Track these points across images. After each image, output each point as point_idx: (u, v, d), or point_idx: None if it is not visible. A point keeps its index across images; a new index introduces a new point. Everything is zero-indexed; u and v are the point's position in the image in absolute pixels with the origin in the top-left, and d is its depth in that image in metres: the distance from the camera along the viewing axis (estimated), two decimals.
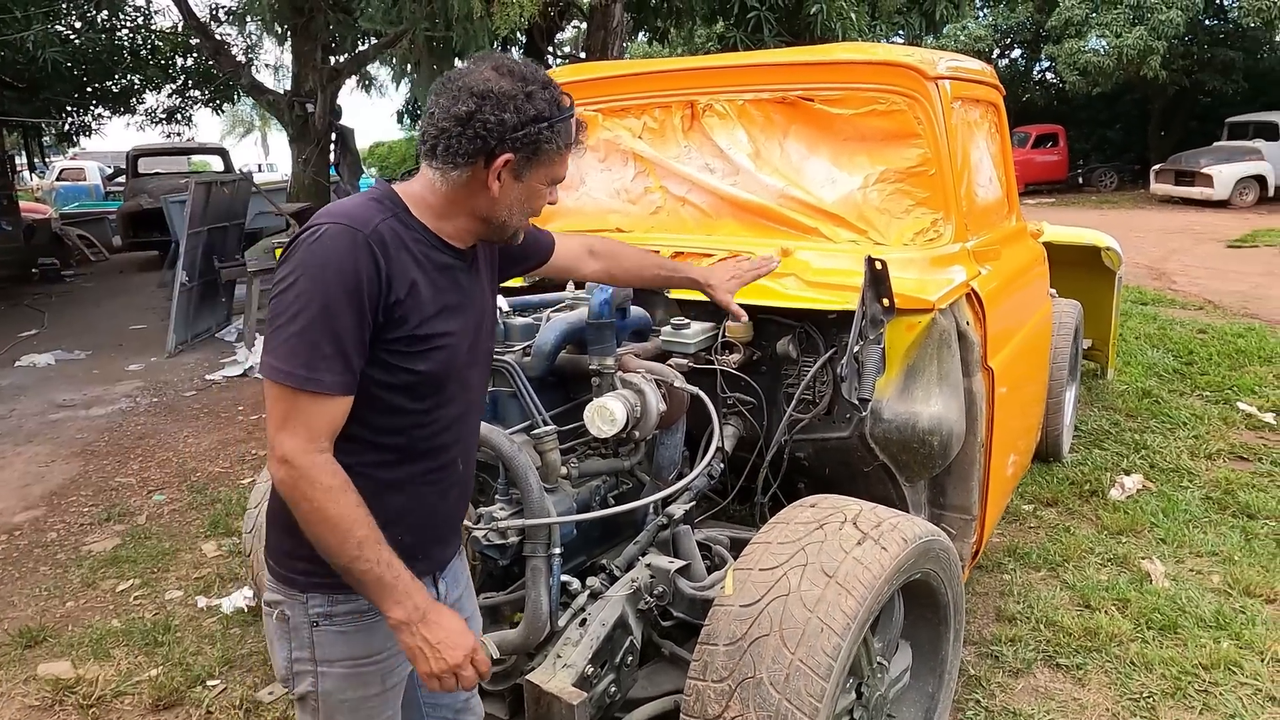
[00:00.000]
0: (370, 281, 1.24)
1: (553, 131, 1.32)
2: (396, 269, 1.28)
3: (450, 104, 1.29)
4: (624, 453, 2.19)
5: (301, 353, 1.22)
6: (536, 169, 1.35)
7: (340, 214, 1.29)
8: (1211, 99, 19.81)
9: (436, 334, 1.33)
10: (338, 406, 1.26)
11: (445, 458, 1.43)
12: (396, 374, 1.31)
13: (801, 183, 2.55)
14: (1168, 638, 2.79)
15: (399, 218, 1.33)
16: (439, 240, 1.37)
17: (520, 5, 6.05)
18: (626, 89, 2.86)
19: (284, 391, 1.24)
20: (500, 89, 1.28)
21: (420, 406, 1.36)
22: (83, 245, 13.78)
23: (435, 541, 1.49)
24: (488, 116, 1.26)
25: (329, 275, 1.22)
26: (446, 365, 1.36)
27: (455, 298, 1.38)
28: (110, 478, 4.76)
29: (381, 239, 1.27)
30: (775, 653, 1.64)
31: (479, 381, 1.51)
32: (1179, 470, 4.10)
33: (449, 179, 1.32)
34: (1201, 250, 11.10)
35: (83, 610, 3.33)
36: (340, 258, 1.23)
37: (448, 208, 1.36)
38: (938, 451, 2.21)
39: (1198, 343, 6.23)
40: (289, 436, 1.24)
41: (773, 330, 2.33)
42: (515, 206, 1.37)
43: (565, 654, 1.85)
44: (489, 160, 1.30)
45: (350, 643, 1.40)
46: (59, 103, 14.33)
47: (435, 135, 1.30)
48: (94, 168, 22.30)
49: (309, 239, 1.26)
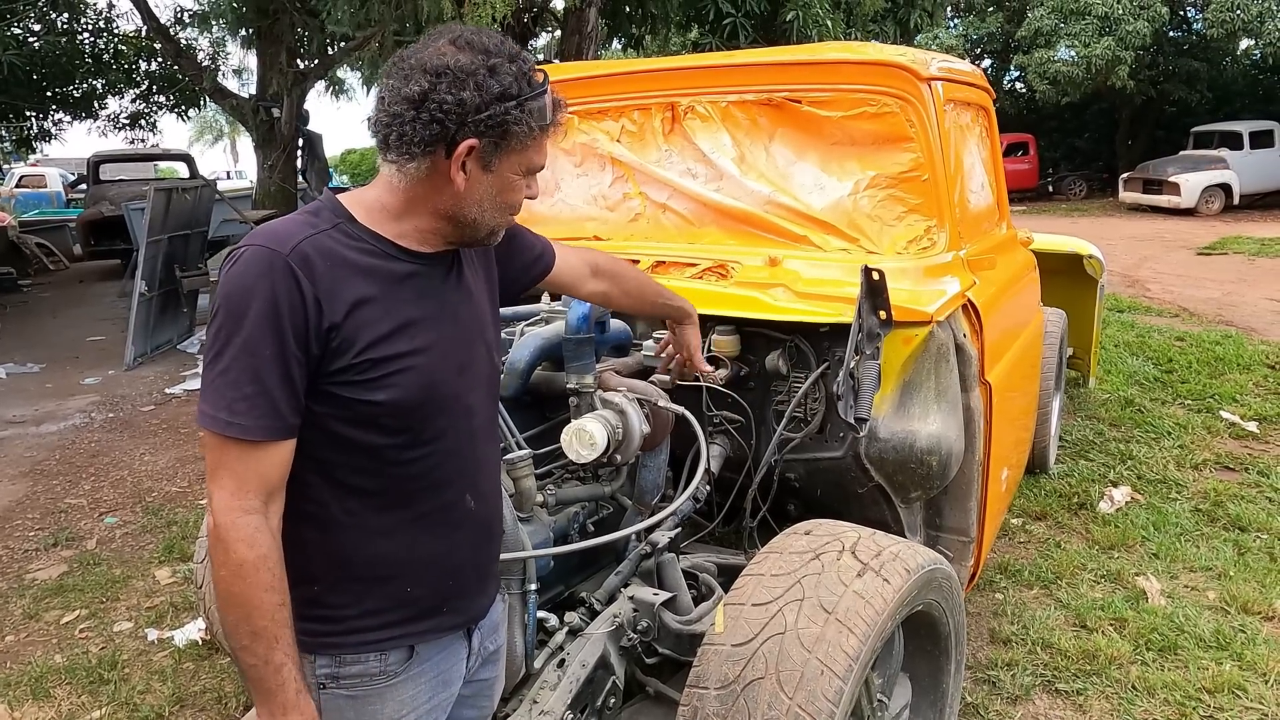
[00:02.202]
0: (293, 309, 1.08)
1: (523, 111, 1.14)
2: (327, 288, 1.11)
3: (401, 84, 1.12)
4: (604, 477, 2.05)
5: (225, 394, 1.08)
6: (508, 156, 1.17)
7: (262, 235, 1.14)
8: (1177, 108, 20.17)
9: (396, 355, 1.15)
10: (269, 454, 1.10)
11: (444, 497, 1.25)
12: (354, 408, 1.15)
13: (789, 188, 2.43)
14: (1168, 659, 2.69)
15: (341, 229, 1.16)
16: (395, 247, 1.19)
17: (492, 6, 5.91)
18: (604, 90, 2.72)
19: (211, 438, 1.10)
20: (458, 64, 1.11)
21: (395, 442, 1.18)
22: (41, 254, 13.33)
23: (457, 594, 1.30)
24: (443, 96, 1.09)
25: (245, 305, 1.08)
26: (421, 391, 1.18)
27: (422, 310, 1.20)
28: (60, 499, 4.52)
29: (305, 258, 1.11)
30: (771, 697, 1.51)
31: (483, 404, 1.32)
32: (1166, 481, 4.04)
33: (406, 173, 1.16)
34: (1172, 258, 11.20)
35: (23, 645, 3.11)
36: (255, 285, 1.08)
37: (407, 207, 1.19)
38: (936, 472, 2.09)
39: (1176, 350, 6.22)
40: (216, 488, 1.10)
41: (761, 344, 2.20)
42: (487, 202, 1.19)
43: (543, 699, 1.70)
44: (450, 148, 1.13)
45: (358, 709, 1.23)
46: (18, 108, 13.89)
47: (387, 123, 1.13)
48: (55, 174, 21.75)
49: (229, 266, 1.12)
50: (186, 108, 15.74)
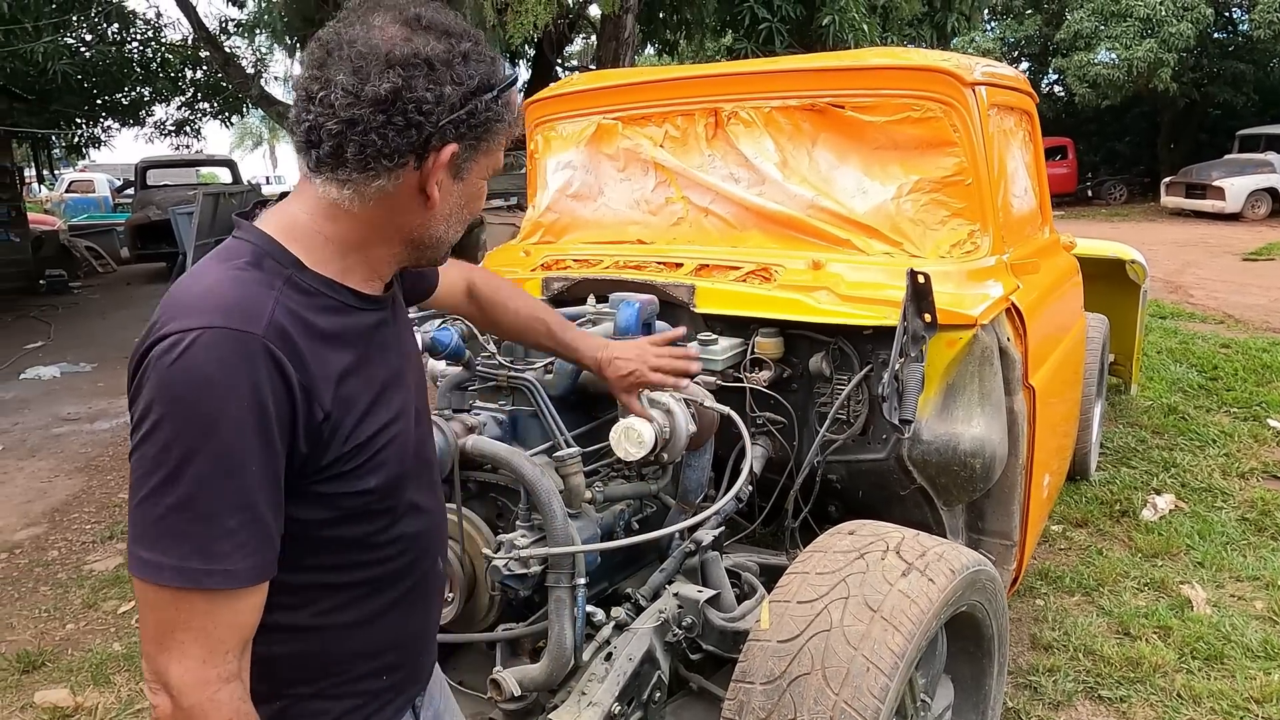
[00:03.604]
0: (279, 405, 0.84)
1: (501, 104, 0.95)
2: (317, 369, 0.88)
3: (358, 82, 0.88)
4: (650, 475, 2.09)
5: (190, 534, 0.81)
6: (480, 159, 0.97)
7: (212, 306, 0.84)
8: (1221, 111, 19.74)
9: (381, 429, 0.96)
10: (252, 600, 0.86)
11: (423, 566, 1.09)
12: (341, 502, 0.93)
13: (832, 193, 2.45)
14: (1214, 668, 2.66)
15: (294, 281, 0.91)
16: (352, 294, 0.96)
17: (535, 14, 5.98)
18: (647, 96, 2.76)
19: (165, 595, 0.82)
20: (431, 52, 0.89)
21: (378, 525, 1.00)
22: (90, 257, 13.77)
23: (422, 653, 1.16)
24: (422, 94, 0.88)
25: (214, 410, 0.81)
26: (400, 462, 1.00)
27: (389, 367, 1.01)
28: (114, 494, 4.66)
29: (283, 335, 0.86)
30: (818, 693, 1.53)
31: (431, 452, 1.15)
32: (1211, 490, 3.97)
33: (364, 194, 0.92)
34: (1217, 263, 10.97)
35: (83, 633, 3.23)
36: (229, 380, 0.82)
37: (364, 236, 0.95)
38: (979, 475, 2.10)
39: (1222, 358, 6.11)
40: (175, 659, 0.82)
41: (805, 346, 2.22)
42: (455, 216, 0.99)
43: (590, 691, 1.74)
44: (421, 157, 0.92)
45: None
46: (68, 115, 14.35)
47: (338, 131, 0.88)
48: (103, 180, 22.40)
49: (167, 357, 0.82)
50: (230, 114, 16.13)
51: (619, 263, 2.51)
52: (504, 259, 2.84)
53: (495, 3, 6.16)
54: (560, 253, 2.69)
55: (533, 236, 2.91)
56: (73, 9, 10.29)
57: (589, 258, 2.59)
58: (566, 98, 2.90)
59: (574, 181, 2.83)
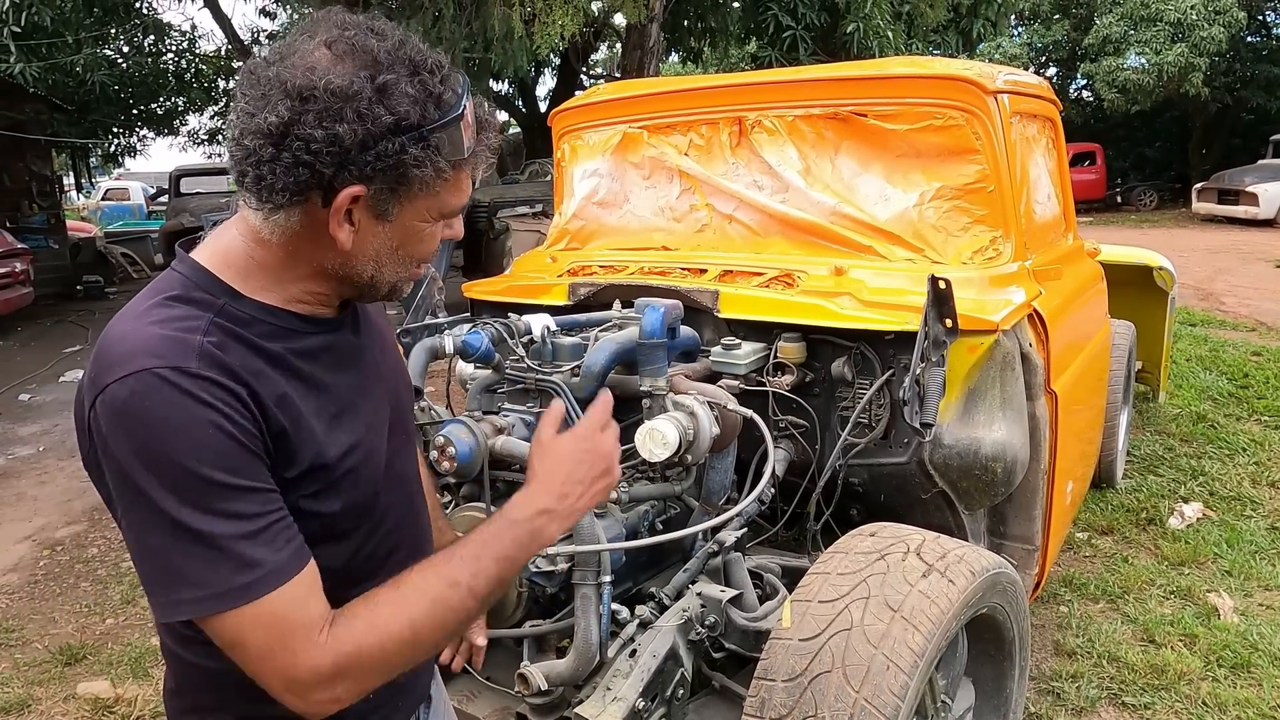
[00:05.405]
0: (240, 416, 0.84)
1: (426, 147, 0.85)
2: (262, 388, 0.87)
3: (254, 108, 0.83)
4: (674, 477, 2.13)
5: (211, 562, 0.82)
6: (411, 202, 0.89)
7: (139, 351, 0.83)
8: (1255, 116, 19.42)
9: (344, 453, 0.94)
10: (307, 577, 0.88)
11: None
12: (307, 521, 0.91)
13: (854, 200, 2.48)
14: (1241, 677, 2.64)
15: (227, 312, 0.89)
16: (294, 319, 0.93)
17: (561, 24, 6.07)
18: (672, 105, 2.82)
19: (229, 621, 0.83)
20: (331, 84, 0.81)
21: (348, 546, 0.99)
22: (126, 263, 14.07)
23: (423, 668, 1.17)
24: (309, 131, 0.81)
25: (164, 449, 0.81)
26: (367, 485, 0.98)
27: (349, 389, 0.98)
28: None
29: (215, 360, 0.84)
30: (838, 691, 1.56)
31: (410, 453, 1.13)
32: (1240, 498, 3.94)
33: (275, 224, 0.88)
34: (1249, 270, 10.80)
35: (122, 628, 3.32)
36: (183, 419, 0.81)
37: (287, 265, 0.92)
38: (1001, 479, 2.12)
39: (1252, 365, 6.03)
40: (276, 669, 0.84)
41: (827, 351, 2.26)
42: (385, 257, 0.92)
43: (615, 686, 1.78)
44: (327, 196, 0.85)
45: None
46: (106, 125, 14.74)
47: (239, 158, 0.85)
48: (138, 188, 22.88)
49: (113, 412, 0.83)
50: None
51: (644, 269, 2.56)
52: (530, 265, 2.90)
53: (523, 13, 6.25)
54: (586, 259, 2.75)
55: (559, 243, 2.96)
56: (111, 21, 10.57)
57: (614, 264, 2.64)
58: (592, 107, 2.96)
59: (600, 189, 2.89)
